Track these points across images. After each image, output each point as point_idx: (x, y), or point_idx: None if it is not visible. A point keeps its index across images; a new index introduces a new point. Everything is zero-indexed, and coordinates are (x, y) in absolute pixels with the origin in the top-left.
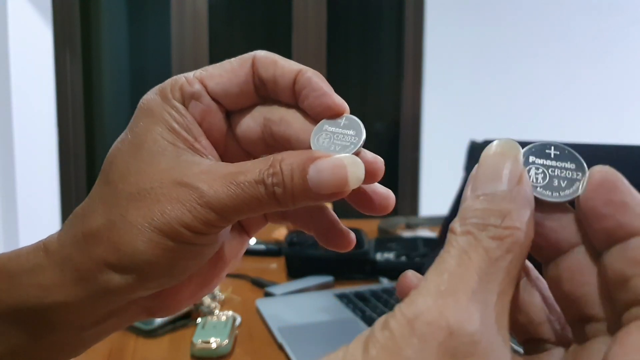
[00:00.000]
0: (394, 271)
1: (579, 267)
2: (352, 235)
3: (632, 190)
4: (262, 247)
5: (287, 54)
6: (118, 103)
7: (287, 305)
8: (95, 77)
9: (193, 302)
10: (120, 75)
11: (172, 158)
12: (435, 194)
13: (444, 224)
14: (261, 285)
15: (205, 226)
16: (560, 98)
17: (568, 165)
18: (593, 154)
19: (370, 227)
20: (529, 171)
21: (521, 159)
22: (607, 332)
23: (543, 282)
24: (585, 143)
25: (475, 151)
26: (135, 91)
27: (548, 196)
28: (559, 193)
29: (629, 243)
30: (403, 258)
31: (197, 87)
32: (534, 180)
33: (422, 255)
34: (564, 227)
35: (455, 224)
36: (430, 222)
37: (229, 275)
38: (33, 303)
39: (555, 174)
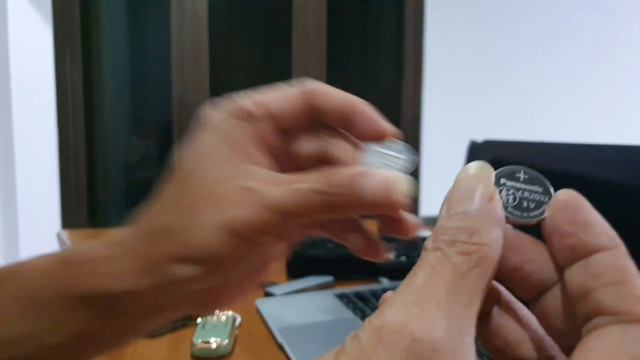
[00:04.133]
0: (394, 271)
1: (562, 302)
2: (383, 245)
3: (594, 211)
4: None
5: (287, 54)
6: (118, 103)
7: (287, 305)
8: (95, 77)
9: (238, 300)
10: (120, 75)
11: (234, 167)
12: (435, 194)
13: None
14: (261, 285)
15: (267, 226)
16: (560, 98)
17: (536, 188)
18: (593, 154)
19: (370, 227)
20: (500, 192)
21: (493, 180)
22: None
23: (517, 304)
24: (586, 143)
25: (475, 151)
26: (135, 91)
27: (518, 216)
28: (528, 214)
29: (590, 259)
30: (403, 258)
31: (257, 107)
32: (505, 201)
33: None
34: (543, 267)
35: (428, 242)
36: (430, 222)
37: None
38: (103, 290)
39: (525, 196)
